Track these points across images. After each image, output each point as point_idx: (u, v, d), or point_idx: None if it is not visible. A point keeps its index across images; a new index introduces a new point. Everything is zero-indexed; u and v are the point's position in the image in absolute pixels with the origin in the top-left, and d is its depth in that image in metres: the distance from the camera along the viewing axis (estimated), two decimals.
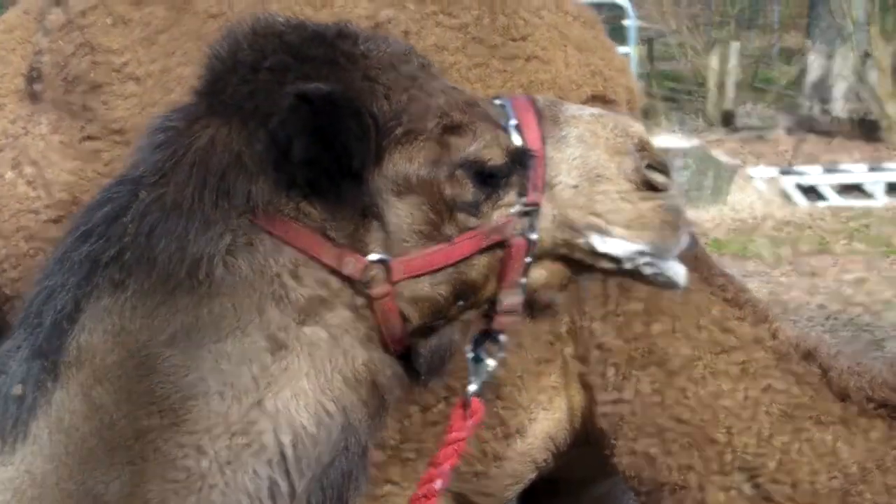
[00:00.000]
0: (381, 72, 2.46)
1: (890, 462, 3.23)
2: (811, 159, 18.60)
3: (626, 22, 19.74)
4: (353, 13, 3.81)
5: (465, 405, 2.67)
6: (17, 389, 2.40)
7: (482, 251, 2.52)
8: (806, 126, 21.26)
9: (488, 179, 2.50)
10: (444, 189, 2.48)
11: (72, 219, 2.64)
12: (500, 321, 2.58)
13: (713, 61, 23.24)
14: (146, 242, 2.39)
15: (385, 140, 2.43)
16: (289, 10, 3.82)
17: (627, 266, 2.58)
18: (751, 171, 17.23)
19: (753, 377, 3.40)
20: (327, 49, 2.47)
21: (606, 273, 2.66)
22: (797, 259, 14.17)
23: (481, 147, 2.48)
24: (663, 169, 2.60)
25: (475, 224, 2.50)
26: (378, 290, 2.44)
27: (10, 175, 4.18)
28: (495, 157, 2.49)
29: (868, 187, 16.95)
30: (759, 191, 16.62)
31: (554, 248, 2.57)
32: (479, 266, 2.53)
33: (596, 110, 2.65)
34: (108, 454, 2.37)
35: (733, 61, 23.56)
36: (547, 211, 2.53)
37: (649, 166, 2.57)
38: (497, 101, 2.59)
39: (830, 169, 17.61)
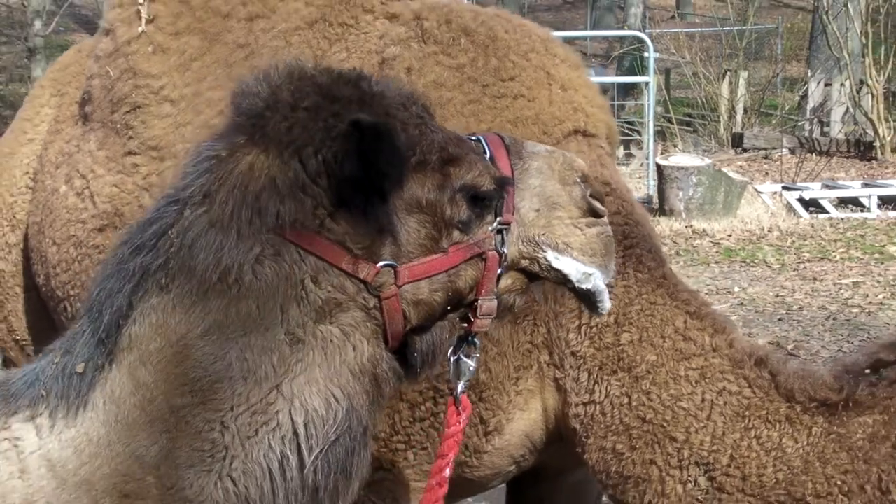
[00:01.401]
0: (398, 110, 2.61)
1: (829, 454, 3.23)
2: (812, 176, 18.55)
3: (646, 54, 19.52)
4: (364, 48, 3.88)
5: (456, 403, 2.76)
6: (80, 367, 2.55)
7: (467, 262, 2.63)
8: (807, 147, 21.18)
9: (479, 202, 2.62)
10: (445, 210, 2.59)
11: (127, 231, 2.73)
12: (479, 323, 2.68)
13: (724, 89, 23.34)
14: (188, 253, 2.52)
15: (406, 167, 2.56)
16: (306, 42, 3.93)
17: (575, 284, 2.71)
18: (758, 186, 17.13)
19: (710, 381, 3.39)
20: (353, 89, 2.60)
21: (556, 284, 2.78)
22: (800, 265, 14.11)
23: (476, 175, 2.61)
24: (600, 199, 2.73)
25: (464, 238, 2.62)
26: (387, 291, 2.55)
27: (63, 188, 4.20)
28: (486, 184, 2.62)
29: (863, 201, 16.85)
30: (765, 204, 16.56)
31: (519, 261, 2.69)
32: (466, 275, 2.64)
33: (549, 147, 2.79)
34: (149, 424, 2.50)
35: (742, 89, 23.75)
36: (514, 230, 2.66)
37: (592, 196, 2.71)
38: (473, 138, 2.72)
39: (829, 185, 17.56)
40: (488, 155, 2.66)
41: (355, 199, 2.51)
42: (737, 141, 22.12)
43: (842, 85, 22.45)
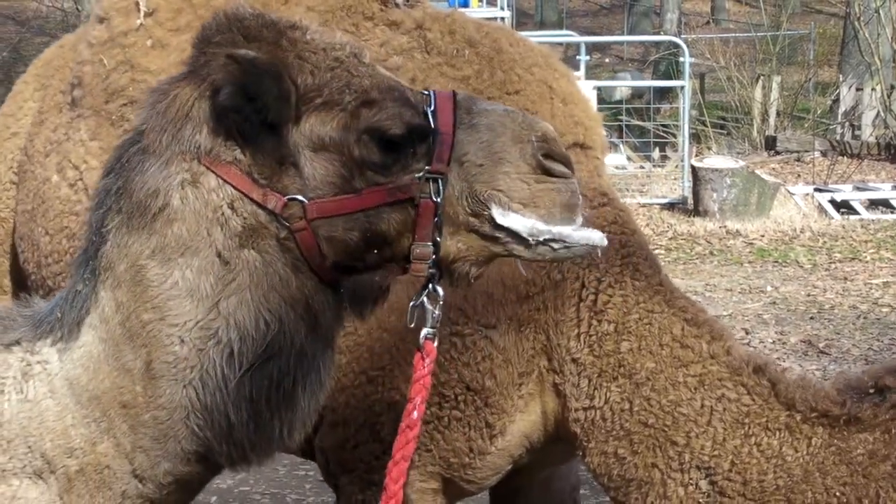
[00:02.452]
0: (312, 54, 2.60)
1: (829, 465, 3.22)
2: (843, 178, 18.44)
3: (681, 59, 19.41)
4: None
5: (420, 349, 2.73)
6: (80, 286, 2.65)
7: (391, 205, 2.60)
8: (838, 150, 20.96)
9: (392, 146, 2.59)
10: (353, 150, 2.58)
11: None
12: (414, 267, 2.64)
13: (757, 93, 23.24)
14: (128, 177, 2.60)
15: (305, 106, 2.56)
16: None
17: (532, 243, 2.61)
18: (790, 188, 17.07)
19: (709, 388, 3.38)
20: (276, 34, 2.61)
21: (522, 259, 2.70)
22: (831, 265, 14.07)
23: (383, 118, 2.58)
24: (564, 162, 2.67)
25: (383, 181, 2.59)
26: (297, 224, 2.56)
27: (55, 178, 4.14)
28: (395, 128, 2.58)
29: (894, 202, 16.76)
30: (797, 206, 16.49)
31: (465, 216, 2.63)
32: (390, 219, 2.61)
33: (509, 108, 2.75)
34: (130, 339, 2.59)
35: (775, 93, 23.60)
36: (456, 182, 2.60)
37: (549, 157, 2.64)
38: (425, 92, 2.68)
39: (860, 187, 17.47)
40: (431, 107, 2.61)
41: (251, 131, 2.53)
42: (770, 144, 21.95)
43: (873, 89, 22.33)
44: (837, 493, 3.19)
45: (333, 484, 3.70)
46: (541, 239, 2.59)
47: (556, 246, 2.60)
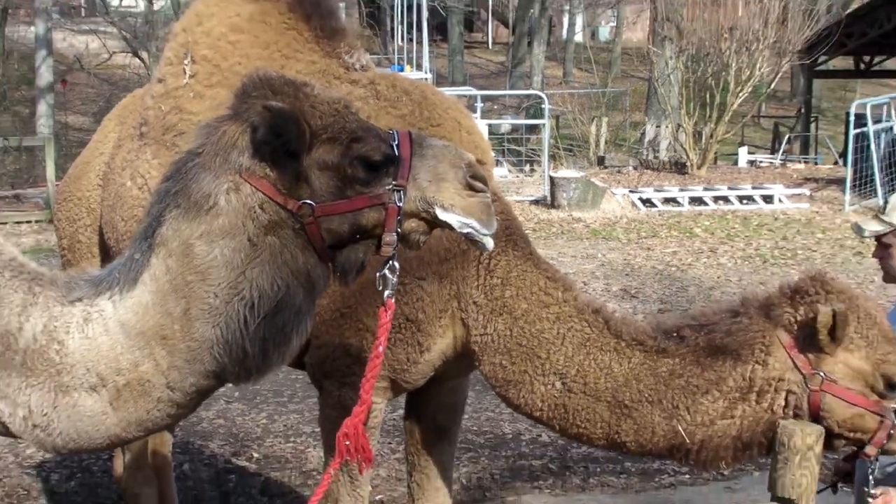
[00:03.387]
0: (320, 105, 2.54)
1: (642, 376, 3.18)
2: (647, 184, 18.59)
3: (543, 106, 19.69)
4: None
5: (384, 304, 2.66)
6: (136, 253, 2.57)
7: (370, 207, 2.55)
8: (644, 165, 21.24)
9: (373, 167, 2.53)
10: (347, 170, 2.52)
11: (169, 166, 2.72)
12: (384, 249, 2.57)
13: (592, 129, 23.26)
14: (187, 184, 2.52)
15: (315, 140, 2.50)
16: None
17: (457, 230, 2.61)
18: (613, 190, 17.09)
19: (562, 321, 3.31)
20: (294, 90, 2.55)
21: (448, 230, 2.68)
22: (639, 240, 14.25)
23: (369, 149, 2.53)
24: (483, 181, 2.63)
25: (365, 191, 2.54)
26: (307, 220, 2.50)
27: (129, 184, 4.06)
28: (376, 155, 2.53)
29: (679, 199, 16.91)
30: (618, 202, 16.56)
31: (419, 212, 2.58)
32: (368, 216, 2.55)
33: (447, 143, 2.70)
34: (174, 292, 2.51)
35: (603, 129, 23.68)
36: (412, 191, 2.55)
37: (474, 177, 2.60)
38: (391, 131, 2.62)
39: (658, 189, 17.58)
40: (395, 142, 2.57)
41: (276, 156, 2.49)
42: (600, 161, 22.04)
43: (666, 126, 22.47)
44: (646, 394, 3.17)
45: (318, 385, 3.66)
46: (463, 230, 2.59)
47: (472, 237, 2.61)
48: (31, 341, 2.54)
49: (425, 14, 23.32)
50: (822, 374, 2.98)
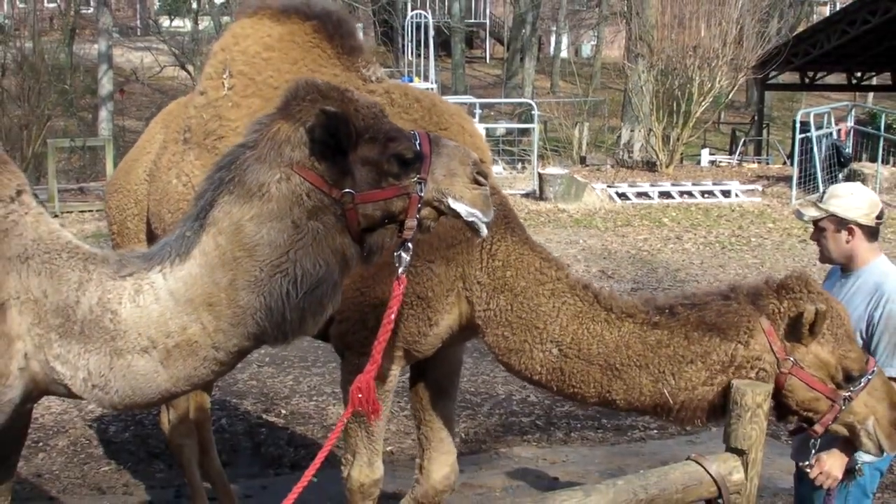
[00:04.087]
0: (362, 109, 2.53)
1: (631, 343, 3.14)
2: (622, 180, 18.53)
3: (533, 112, 19.65)
4: None
5: (398, 279, 2.66)
6: (188, 231, 2.53)
7: (398, 196, 2.54)
8: (620, 164, 21.12)
9: (404, 163, 2.53)
10: (383, 165, 2.51)
11: (218, 159, 2.67)
12: (406, 233, 2.57)
13: (576, 132, 23.18)
14: (243, 173, 2.49)
15: (359, 139, 2.49)
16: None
17: (464, 218, 2.61)
18: (594, 185, 16.99)
19: (557, 296, 3.27)
20: (339, 94, 2.54)
21: (454, 218, 2.68)
22: (616, 228, 14.15)
23: (403, 148, 2.52)
24: (485, 176, 2.65)
25: (396, 183, 2.53)
26: (348, 206, 2.49)
27: (174, 181, 4.02)
28: (408, 153, 2.53)
29: (650, 194, 16.88)
30: (598, 195, 16.47)
31: (433, 202, 2.58)
32: (395, 204, 2.55)
33: (457, 144, 2.70)
34: (222, 265, 2.47)
35: (585, 132, 23.56)
36: (429, 184, 2.55)
37: (479, 174, 2.62)
38: (412, 132, 2.61)
39: (631, 185, 17.54)
40: (417, 141, 2.57)
41: (328, 152, 2.47)
42: (582, 160, 21.92)
43: (639, 131, 22.37)
44: (635, 359, 3.14)
45: (341, 354, 3.63)
46: (469, 218, 2.60)
47: (475, 225, 2.62)
48: (87, 312, 2.52)
49: (432, 33, 23.25)
50: (792, 359, 3.01)
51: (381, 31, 34.31)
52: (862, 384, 3.01)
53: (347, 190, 2.48)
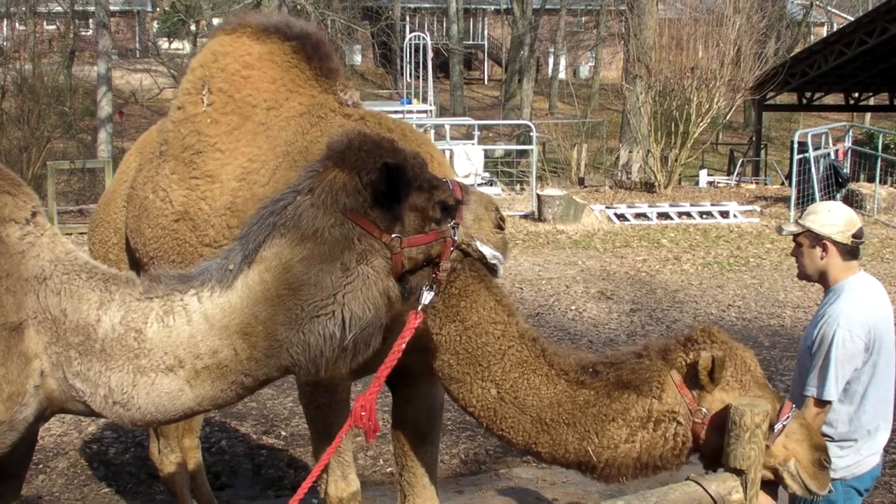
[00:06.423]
0: (410, 160, 2.61)
1: (563, 401, 3.17)
2: (621, 201, 18.54)
3: (532, 133, 19.48)
4: (329, 131, 3.61)
5: (416, 314, 2.72)
6: (231, 266, 2.55)
7: (436, 241, 2.63)
8: (619, 185, 21.07)
9: (445, 209, 2.63)
10: (429, 212, 2.61)
11: (264, 202, 2.68)
12: (441, 274, 2.68)
13: (574, 153, 23.27)
14: (298, 218, 2.53)
15: (411, 188, 2.58)
16: (299, 124, 3.74)
17: (488, 260, 2.73)
18: (592, 206, 16.98)
19: (505, 340, 3.27)
20: (389, 145, 2.62)
21: (479, 262, 2.78)
22: (614, 249, 14.13)
23: (446, 196, 2.62)
24: (503, 221, 2.78)
25: (437, 228, 2.63)
26: (396, 250, 2.55)
27: (151, 196, 4.01)
28: (450, 201, 2.64)
29: (648, 215, 16.87)
30: (596, 216, 16.46)
31: (461, 245, 2.68)
32: (434, 248, 2.64)
33: (480, 191, 2.81)
34: (265, 300, 2.50)
35: (584, 153, 23.75)
36: (461, 229, 2.66)
37: (501, 220, 2.76)
38: (446, 180, 2.70)
39: (630, 206, 17.58)
40: (451, 188, 2.67)
41: (383, 201, 2.53)
42: (580, 181, 21.97)
43: (638, 152, 22.48)
44: (564, 417, 3.17)
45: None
46: (492, 261, 2.72)
47: (493, 263, 2.74)
48: (109, 331, 2.55)
49: (430, 55, 23.40)
50: (704, 409, 3.05)
51: (380, 52, 34.56)
52: (776, 432, 3.04)
53: (396, 235, 2.56)
